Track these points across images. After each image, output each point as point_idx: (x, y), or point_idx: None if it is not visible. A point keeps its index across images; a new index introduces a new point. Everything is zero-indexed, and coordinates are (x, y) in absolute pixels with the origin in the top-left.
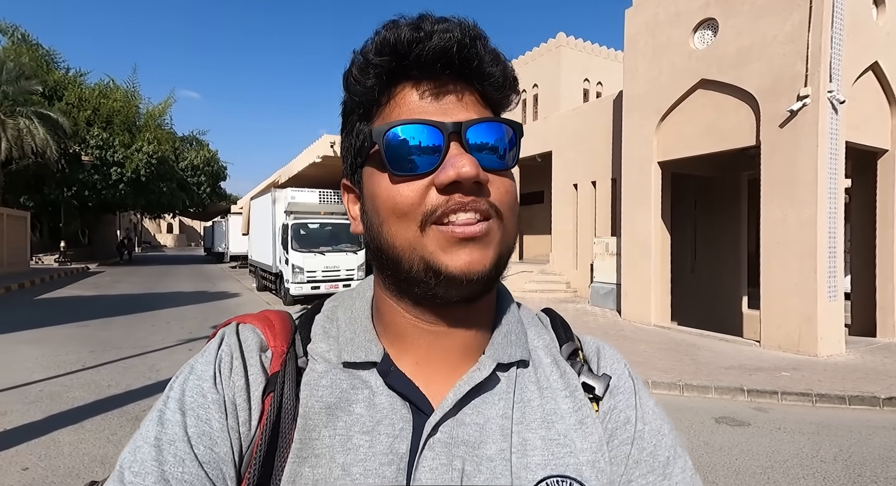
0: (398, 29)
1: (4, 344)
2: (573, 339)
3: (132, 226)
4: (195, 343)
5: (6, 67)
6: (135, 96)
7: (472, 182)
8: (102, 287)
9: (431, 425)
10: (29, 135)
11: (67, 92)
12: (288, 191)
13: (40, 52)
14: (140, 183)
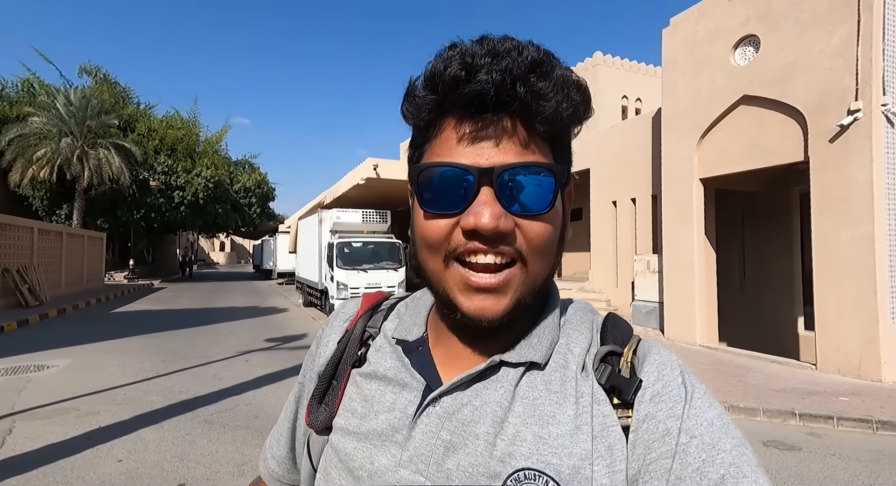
0: (447, 61)
1: (91, 353)
2: (618, 342)
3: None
4: (251, 354)
5: (91, 105)
6: (195, 125)
7: (493, 232)
8: (166, 302)
9: (429, 398)
10: (107, 164)
11: (139, 124)
12: (333, 211)
13: (118, 89)
14: (198, 205)
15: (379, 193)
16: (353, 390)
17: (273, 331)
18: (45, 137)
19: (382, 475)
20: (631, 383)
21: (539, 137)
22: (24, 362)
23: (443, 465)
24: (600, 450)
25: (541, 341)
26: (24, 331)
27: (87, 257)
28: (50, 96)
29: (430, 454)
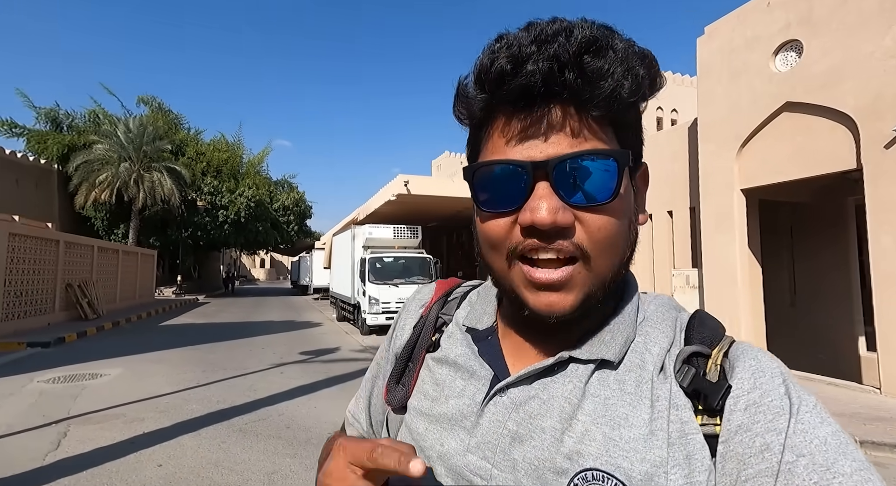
0: (493, 55)
1: (140, 363)
2: (706, 342)
3: (233, 261)
4: (285, 367)
5: (147, 132)
6: (239, 148)
7: (551, 227)
8: (209, 316)
9: (497, 387)
10: (159, 186)
11: (188, 148)
12: (365, 227)
13: (171, 116)
14: (241, 224)
15: (410, 209)
16: (426, 373)
17: (307, 344)
18: (106, 162)
19: (451, 458)
20: (718, 387)
21: (598, 122)
22: (80, 371)
23: (509, 454)
24: (678, 458)
25: (614, 338)
26: (82, 342)
27: (139, 274)
28: (112, 125)
29: (497, 442)
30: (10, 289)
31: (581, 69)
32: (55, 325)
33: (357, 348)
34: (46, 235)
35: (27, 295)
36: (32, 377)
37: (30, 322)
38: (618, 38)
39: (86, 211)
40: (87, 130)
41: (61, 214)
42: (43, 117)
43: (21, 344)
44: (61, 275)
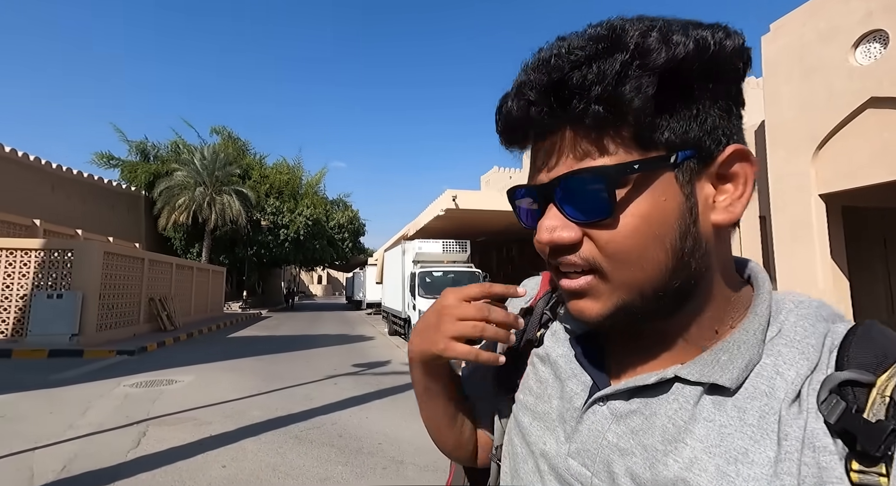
0: (504, 98)
1: (210, 371)
2: (867, 366)
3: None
4: (339, 378)
5: (219, 158)
6: (299, 170)
7: (549, 245)
8: (271, 329)
9: (596, 396)
10: (229, 207)
11: (254, 171)
12: (415, 242)
13: (239, 143)
14: (300, 241)
15: (459, 224)
16: (531, 368)
17: (360, 357)
18: (184, 187)
19: (553, 458)
20: (881, 429)
21: (611, 133)
22: (159, 377)
23: (609, 467)
24: None
25: (732, 360)
26: (161, 351)
27: (211, 289)
28: (189, 154)
29: (597, 452)
30: (104, 302)
31: (572, 89)
32: (139, 335)
33: (407, 362)
34: (134, 253)
35: (117, 308)
36: (119, 382)
37: (119, 332)
38: (630, 31)
39: (166, 232)
40: (169, 159)
41: (146, 236)
42: (134, 149)
43: (111, 352)
44: (145, 290)
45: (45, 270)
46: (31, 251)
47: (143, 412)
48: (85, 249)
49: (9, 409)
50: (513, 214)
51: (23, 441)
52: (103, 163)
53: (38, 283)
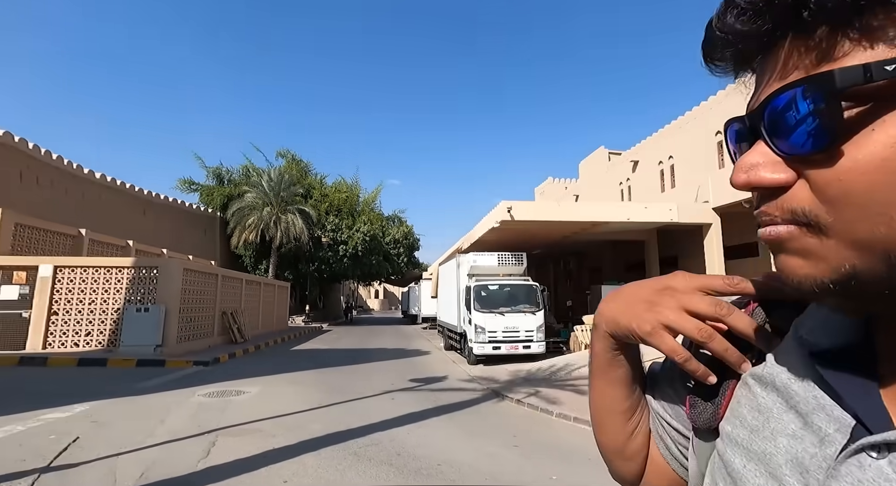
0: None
1: (274, 384)
2: None
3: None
4: (396, 393)
5: (284, 180)
6: (356, 188)
7: (745, 187)
8: (331, 342)
9: (866, 442)
10: (292, 226)
11: (315, 191)
12: (470, 255)
13: (302, 165)
14: (357, 257)
15: (514, 236)
16: (744, 392)
17: (416, 372)
18: (253, 208)
19: None
20: None
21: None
22: (229, 388)
23: None
24: None
25: None
26: (232, 362)
27: (276, 303)
28: (258, 176)
29: None
30: (183, 316)
31: None
32: (214, 347)
33: (464, 378)
34: (209, 270)
35: (194, 321)
36: (194, 391)
37: (196, 344)
38: None
39: (238, 250)
40: (240, 182)
41: (221, 254)
42: (211, 174)
43: (189, 363)
44: (219, 304)
45: (135, 286)
46: (123, 269)
47: (214, 422)
48: (167, 266)
49: (101, 414)
50: (571, 225)
51: (109, 447)
52: (185, 188)
53: (128, 298)
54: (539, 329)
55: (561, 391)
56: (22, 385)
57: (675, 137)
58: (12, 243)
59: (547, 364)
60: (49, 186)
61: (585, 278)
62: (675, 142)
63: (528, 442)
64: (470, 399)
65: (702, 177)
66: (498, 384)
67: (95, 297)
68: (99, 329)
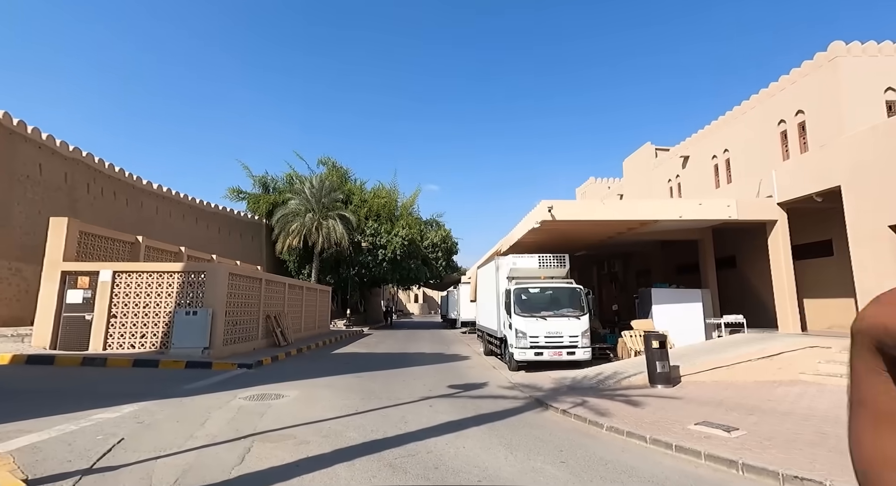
0: None
1: (312, 388)
2: None
3: (391, 297)
4: (434, 400)
5: (325, 186)
6: (395, 193)
7: None
8: (371, 346)
9: None
10: (333, 231)
11: (354, 196)
12: (509, 257)
13: (341, 171)
14: (396, 261)
15: (555, 237)
16: None
17: (455, 378)
18: (296, 214)
19: None
20: None
21: None
22: (268, 391)
23: None
24: None
25: None
26: (274, 365)
27: (318, 307)
28: (301, 183)
29: None
30: (229, 319)
31: None
32: (258, 350)
33: (505, 385)
34: (253, 274)
35: (240, 324)
36: (236, 394)
37: (241, 347)
38: None
39: (282, 256)
40: (284, 190)
41: (266, 259)
42: (257, 183)
43: (233, 365)
44: (262, 308)
45: (184, 290)
46: (174, 274)
47: (251, 427)
48: (214, 270)
49: (147, 416)
50: (616, 225)
51: (150, 449)
52: (234, 196)
53: (178, 301)
54: (584, 334)
55: (611, 402)
56: (80, 385)
57: (731, 128)
58: (77, 250)
59: (594, 372)
60: (112, 197)
61: (632, 281)
62: (732, 134)
63: (577, 458)
64: (511, 408)
65: (764, 170)
66: (541, 392)
67: (149, 300)
68: (153, 332)
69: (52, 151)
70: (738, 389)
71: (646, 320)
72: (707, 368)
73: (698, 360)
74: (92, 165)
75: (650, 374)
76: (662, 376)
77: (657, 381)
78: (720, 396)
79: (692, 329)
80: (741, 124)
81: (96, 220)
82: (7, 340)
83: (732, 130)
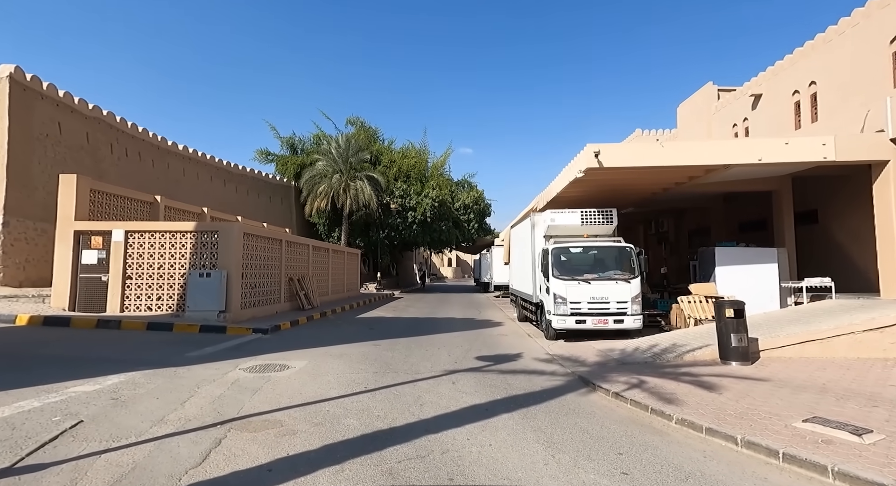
0: None
1: (323, 358)
2: None
3: (424, 260)
4: (458, 375)
5: (351, 145)
6: (425, 153)
7: None
8: (399, 310)
9: None
10: (361, 192)
11: (383, 157)
12: (547, 213)
13: (370, 131)
14: (427, 223)
15: (598, 191)
16: None
17: (485, 347)
18: (324, 175)
19: None
20: None
21: None
22: (274, 361)
23: None
24: None
25: None
26: (293, 331)
27: (346, 270)
28: (327, 144)
29: None
30: (247, 281)
31: None
32: (280, 313)
33: (542, 357)
34: (272, 234)
35: (259, 287)
36: (238, 364)
37: (262, 310)
38: None
39: (312, 218)
40: (311, 151)
41: (297, 222)
42: (285, 144)
43: (249, 330)
44: (284, 270)
45: (198, 250)
46: (187, 233)
47: (236, 409)
48: (227, 230)
49: (129, 390)
50: (674, 173)
51: (103, 438)
52: (262, 159)
53: (193, 262)
54: (634, 300)
55: (675, 383)
56: (81, 350)
57: (819, 55)
58: (91, 209)
59: (647, 343)
60: (137, 158)
61: (684, 241)
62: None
63: (643, 467)
64: (550, 388)
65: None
66: (585, 368)
67: (163, 261)
68: (168, 294)
69: (71, 108)
70: (841, 369)
71: (707, 284)
72: (795, 341)
73: (782, 331)
74: (114, 124)
75: (722, 348)
76: (738, 352)
77: (731, 357)
78: (819, 378)
79: (765, 295)
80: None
81: (122, 181)
82: (29, 300)
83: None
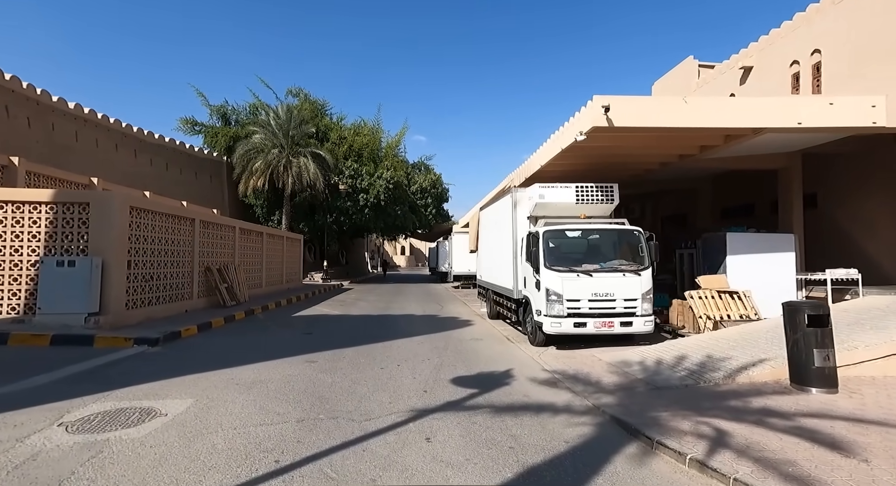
0: None
1: (225, 390)
2: None
3: (376, 248)
4: (432, 417)
5: (293, 117)
6: (378, 131)
7: None
8: (347, 305)
9: None
10: (305, 170)
11: (332, 133)
12: (534, 188)
13: (316, 105)
14: (380, 207)
15: (603, 159)
16: None
17: (461, 361)
18: (261, 150)
19: None
20: None
21: None
22: (136, 401)
23: None
24: None
25: None
26: (199, 338)
27: (286, 258)
28: (266, 114)
29: None
30: (137, 272)
31: None
32: (192, 312)
33: (540, 378)
34: (177, 211)
35: (160, 280)
36: (66, 410)
37: (162, 310)
38: None
39: (248, 199)
40: (247, 122)
41: (230, 203)
42: (215, 113)
43: (129, 340)
44: (198, 257)
45: (58, 230)
46: (40, 205)
47: None
48: (103, 201)
49: None
50: (699, 136)
51: None
52: (188, 129)
53: (49, 247)
54: (645, 297)
55: (772, 434)
56: None
57: (824, 19)
58: None
59: (668, 354)
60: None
61: (657, 228)
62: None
63: None
64: (580, 446)
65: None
66: (609, 397)
67: (4, 244)
68: (11, 290)
69: None
70: None
71: (717, 277)
72: (878, 355)
73: (848, 340)
74: None
75: (796, 368)
76: (822, 375)
77: (811, 381)
78: None
79: (779, 288)
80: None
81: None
82: None
83: (829, 20)
